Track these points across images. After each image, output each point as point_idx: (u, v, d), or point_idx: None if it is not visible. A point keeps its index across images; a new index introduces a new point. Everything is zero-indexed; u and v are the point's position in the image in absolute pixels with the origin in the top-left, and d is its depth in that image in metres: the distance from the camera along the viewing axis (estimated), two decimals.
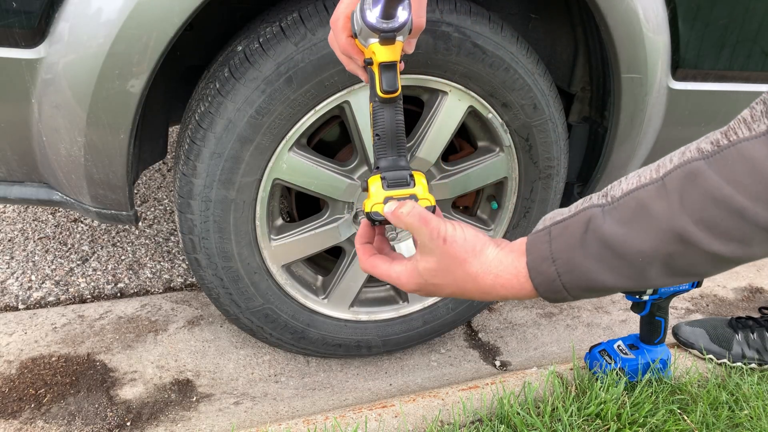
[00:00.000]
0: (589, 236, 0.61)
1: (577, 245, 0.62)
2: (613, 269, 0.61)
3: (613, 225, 0.60)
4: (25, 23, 0.94)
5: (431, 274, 0.72)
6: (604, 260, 0.61)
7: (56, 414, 1.25)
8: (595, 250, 0.61)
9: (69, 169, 1.10)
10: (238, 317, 1.31)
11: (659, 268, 0.59)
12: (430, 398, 1.27)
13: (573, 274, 0.63)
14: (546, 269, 0.65)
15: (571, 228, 0.63)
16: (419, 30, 0.89)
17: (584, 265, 0.62)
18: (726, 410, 1.26)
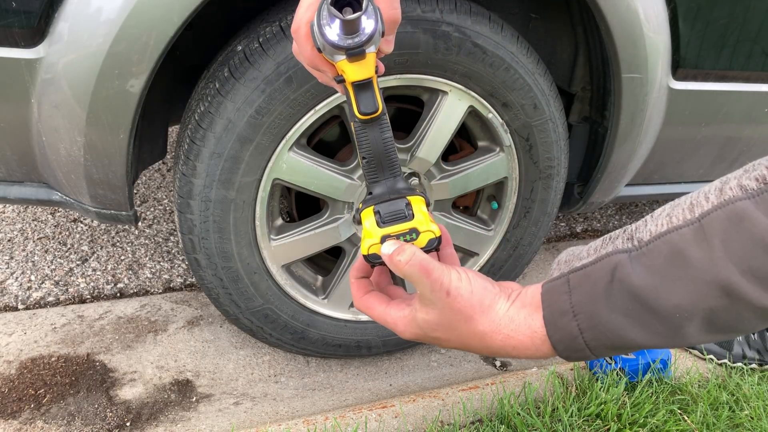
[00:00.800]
0: (615, 287, 0.53)
1: (602, 297, 0.54)
2: (644, 325, 0.53)
3: (643, 274, 0.52)
4: (25, 23, 0.94)
5: (431, 328, 0.63)
6: (635, 315, 0.53)
7: (56, 414, 1.25)
8: (623, 304, 0.53)
9: (68, 169, 1.09)
10: (238, 317, 1.31)
11: (699, 325, 0.52)
12: (431, 398, 1.27)
13: (597, 331, 0.55)
14: (566, 325, 0.56)
15: (594, 277, 0.55)
16: (395, 24, 0.74)
17: (611, 321, 0.54)
18: (726, 410, 1.26)
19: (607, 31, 1.16)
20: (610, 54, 1.20)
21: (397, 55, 1.10)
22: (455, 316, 0.61)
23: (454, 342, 0.63)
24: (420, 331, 0.65)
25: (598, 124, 1.37)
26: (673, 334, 0.53)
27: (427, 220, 0.74)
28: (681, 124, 1.38)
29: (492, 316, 0.60)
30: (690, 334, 0.53)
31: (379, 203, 0.76)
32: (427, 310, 0.62)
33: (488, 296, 0.61)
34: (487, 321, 0.60)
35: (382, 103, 0.74)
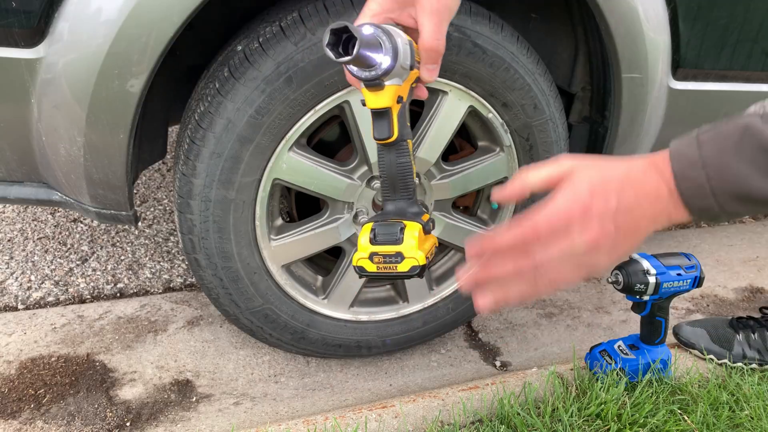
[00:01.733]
0: (745, 141, 0.58)
1: (731, 150, 0.58)
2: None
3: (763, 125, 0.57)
4: (25, 23, 0.94)
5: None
6: (761, 164, 0.57)
7: (56, 414, 1.25)
8: (752, 155, 0.57)
9: (68, 169, 1.09)
10: (238, 317, 1.31)
11: None
12: (431, 398, 1.27)
13: (724, 179, 0.58)
14: (694, 174, 0.59)
15: (725, 133, 0.59)
16: (437, 54, 0.79)
17: (737, 168, 0.58)
18: (726, 410, 1.26)
19: (607, 31, 1.16)
20: (610, 54, 1.20)
21: None
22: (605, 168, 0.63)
23: (614, 183, 0.62)
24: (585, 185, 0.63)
25: (598, 124, 1.37)
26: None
27: (414, 247, 0.80)
28: (681, 124, 1.38)
29: (634, 170, 0.62)
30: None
31: (378, 222, 0.83)
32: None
33: (623, 169, 0.63)
34: (634, 179, 0.62)
35: (399, 131, 0.80)
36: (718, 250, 2.16)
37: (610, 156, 0.78)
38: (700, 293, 1.92)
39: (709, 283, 1.96)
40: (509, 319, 1.71)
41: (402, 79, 0.78)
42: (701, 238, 2.23)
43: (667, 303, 1.30)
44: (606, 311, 1.79)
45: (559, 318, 1.74)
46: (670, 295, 1.28)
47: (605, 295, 1.85)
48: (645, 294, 1.25)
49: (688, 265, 1.27)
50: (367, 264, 0.84)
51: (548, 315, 1.75)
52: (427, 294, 1.45)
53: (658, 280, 1.23)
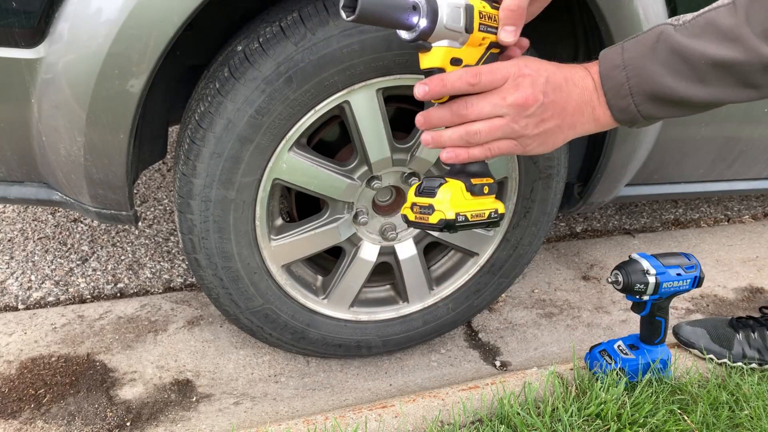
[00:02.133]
0: (659, 45, 0.68)
1: (647, 53, 0.69)
2: (677, 73, 0.67)
3: (682, 37, 0.68)
4: (25, 23, 0.94)
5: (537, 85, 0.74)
6: (671, 65, 0.67)
7: (56, 414, 1.25)
8: (664, 57, 0.68)
9: (69, 169, 1.09)
10: (238, 317, 1.31)
11: (719, 75, 0.66)
12: (430, 398, 1.27)
13: (641, 78, 0.69)
14: (616, 75, 0.70)
15: (643, 40, 0.70)
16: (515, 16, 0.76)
17: (652, 69, 0.68)
18: (726, 410, 1.26)
19: (607, 32, 1.16)
20: None
21: (397, 54, 1.10)
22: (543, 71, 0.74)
23: (542, 73, 0.74)
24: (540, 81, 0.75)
25: None
26: (699, 80, 0.67)
27: (445, 201, 0.86)
28: (681, 124, 1.38)
29: (566, 71, 0.75)
30: (713, 82, 0.67)
31: (428, 177, 0.92)
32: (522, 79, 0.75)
33: (558, 64, 0.77)
34: (565, 70, 0.75)
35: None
36: (718, 250, 2.16)
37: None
38: (699, 293, 1.92)
39: (709, 283, 1.97)
40: (509, 319, 1.72)
41: (459, 42, 0.78)
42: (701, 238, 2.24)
43: (667, 303, 1.30)
44: (606, 311, 1.79)
45: (559, 318, 1.74)
46: (669, 295, 1.28)
47: (605, 295, 1.86)
48: (645, 294, 1.26)
49: (688, 265, 1.27)
50: (408, 213, 0.93)
51: (548, 315, 1.75)
52: (427, 294, 1.45)
53: (658, 280, 1.24)
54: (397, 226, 1.35)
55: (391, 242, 1.36)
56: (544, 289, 1.86)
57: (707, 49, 0.66)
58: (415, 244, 1.38)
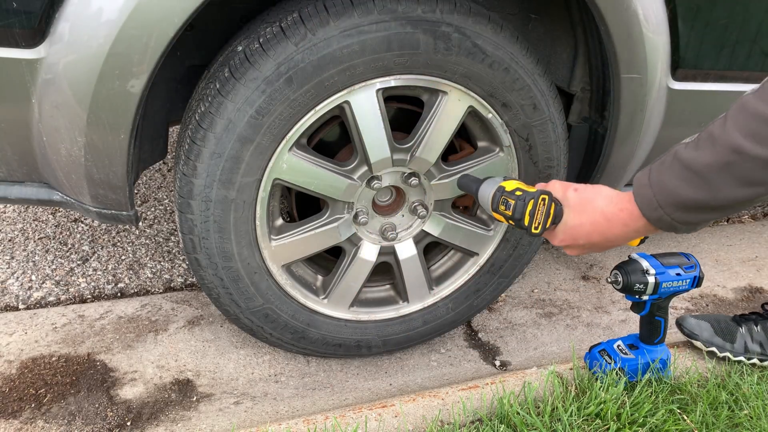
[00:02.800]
0: (674, 163, 0.83)
1: (666, 171, 0.84)
2: (690, 183, 0.81)
3: (689, 151, 0.83)
4: (26, 23, 0.95)
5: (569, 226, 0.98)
6: (684, 177, 0.82)
7: (56, 414, 1.25)
8: (678, 172, 0.83)
9: (69, 169, 1.10)
10: (239, 317, 1.31)
11: (724, 178, 0.78)
12: (430, 398, 1.27)
13: (663, 193, 0.84)
14: (645, 192, 0.87)
15: (663, 159, 0.86)
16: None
17: (671, 184, 0.83)
18: (726, 410, 1.26)
19: (606, 32, 1.16)
20: (609, 54, 1.20)
21: (397, 55, 1.10)
22: (582, 201, 0.96)
23: (586, 224, 0.95)
24: (563, 228, 1.00)
25: (597, 124, 1.37)
26: (708, 186, 0.79)
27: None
28: (680, 125, 1.39)
29: (607, 197, 0.94)
30: (720, 186, 0.79)
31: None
32: (565, 205, 0.99)
33: (603, 189, 0.97)
34: (603, 200, 0.93)
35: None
36: (718, 250, 2.16)
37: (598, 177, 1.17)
38: (699, 293, 1.92)
39: (709, 283, 1.97)
40: (509, 319, 1.72)
41: None
42: (700, 238, 2.24)
43: (667, 303, 1.30)
44: (605, 311, 1.79)
45: (559, 318, 1.74)
46: (669, 295, 1.28)
47: (604, 295, 1.86)
48: (644, 294, 1.26)
49: (688, 265, 1.27)
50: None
51: (548, 315, 1.75)
52: (427, 294, 1.45)
53: (658, 280, 1.24)
54: (396, 226, 1.35)
55: (391, 242, 1.36)
56: (543, 289, 1.86)
57: (706, 157, 0.79)
58: (415, 244, 1.39)
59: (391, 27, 1.08)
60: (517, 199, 0.94)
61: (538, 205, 0.91)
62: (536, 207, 0.91)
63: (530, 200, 0.92)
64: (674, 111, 1.34)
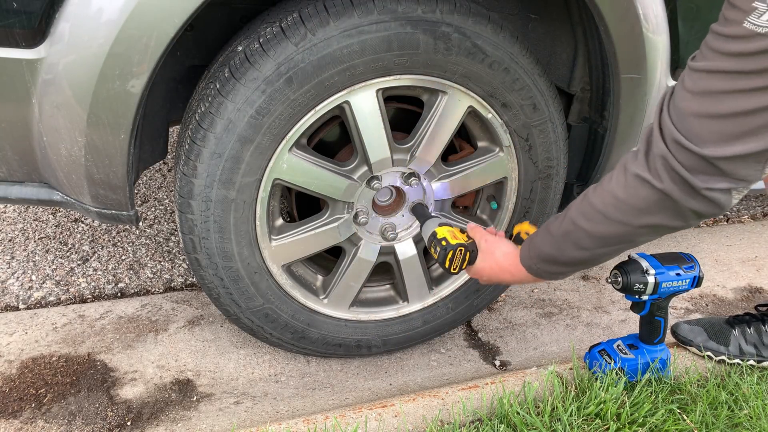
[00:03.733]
0: (543, 228, 1.08)
1: (538, 234, 1.10)
2: (547, 242, 1.06)
3: (552, 220, 1.07)
4: (26, 23, 0.95)
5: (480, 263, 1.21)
6: (545, 238, 1.07)
7: (57, 414, 1.25)
8: (543, 234, 1.08)
9: (69, 169, 1.10)
10: (239, 317, 1.31)
11: (566, 240, 1.02)
12: (430, 398, 1.27)
13: (533, 249, 1.10)
14: (524, 248, 1.12)
15: (540, 228, 1.11)
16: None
17: (538, 242, 1.08)
18: (725, 410, 1.26)
19: (606, 32, 1.16)
20: (609, 54, 1.20)
21: (397, 55, 1.10)
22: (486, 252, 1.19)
23: (487, 269, 1.19)
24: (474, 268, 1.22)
25: (597, 124, 1.38)
26: (557, 245, 1.04)
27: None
28: None
29: (502, 252, 1.17)
30: (563, 247, 1.03)
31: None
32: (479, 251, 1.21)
33: (503, 244, 1.18)
34: (499, 254, 1.17)
35: None
36: (717, 250, 2.16)
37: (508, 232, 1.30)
38: (699, 293, 1.92)
39: (708, 283, 1.97)
40: (509, 319, 1.72)
41: None
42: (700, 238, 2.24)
43: (666, 303, 1.30)
44: (605, 311, 1.79)
45: (559, 317, 1.74)
46: (669, 295, 1.28)
47: (604, 295, 1.86)
48: (644, 294, 1.26)
49: (687, 265, 1.27)
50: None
51: (547, 314, 1.75)
52: (427, 294, 1.45)
53: (657, 280, 1.24)
54: (396, 226, 1.35)
55: (391, 242, 1.36)
56: (543, 289, 1.86)
57: (557, 225, 1.04)
58: (415, 243, 1.39)
59: (391, 27, 1.08)
60: (442, 248, 1.17)
61: (456, 254, 1.17)
62: (454, 255, 1.17)
63: (450, 251, 1.16)
64: None
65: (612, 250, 1.02)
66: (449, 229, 1.22)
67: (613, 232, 0.97)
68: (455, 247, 1.17)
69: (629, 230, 0.96)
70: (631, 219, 0.94)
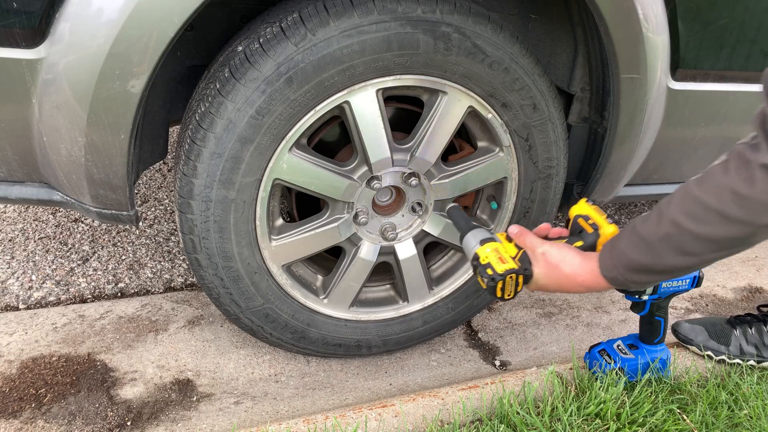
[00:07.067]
0: (630, 232, 0.97)
1: (623, 239, 0.98)
2: (638, 249, 0.94)
3: (641, 222, 0.96)
4: (26, 23, 0.95)
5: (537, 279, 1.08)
6: (634, 244, 0.95)
7: (57, 414, 1.25)
8: (630, 239, 0.96)
9: (69, 169, 1.10)
10: (239, 317, 1.31)
11: (664, 245, 0.91)
12: (430, 398, 1.27)
13: (618, 258, 0.98)
14: (606, 256, 1.00)
15: (623, 231, 1.00)
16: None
17: (624, 249, 0.97)
18: (725, 410, 1.27)
19: (606, 32, 1.16)
20: (609, 54, 1.20)
21: (397, 55, 1.10)
22: (549, 267, 1.05)
23: (552, 285, 1.06)
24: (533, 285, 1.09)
25: (597, 124, 1.38)
26: (653, 251, 0.93)
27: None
28: (680, 125, 1.39)
29: (572, 265, 1.03)
30: (661, 253, 0.92)
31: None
32: (535, 265, 1.07)
33: (569, 255, 1.04)
34: (568, 267, 1.03)
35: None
36: None
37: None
38: (699, 293, 1.92)
39: (708, 283, 1.97)
40: (509, 319, 1.72)
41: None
42: None
43: (666, 302, 1.30)
44: (605, 311, 1.79)
45: (559, 317, 1.74)
46: (669, 295, 1.28)
47: (604, 295, 1.86)
48: (644, 293, 1.26)
49: None
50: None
51: (547, 314, 1.75)
52: (427, 294, 1.45)
53: None
54: (396, 226, 1.35)
55: (391, 242, 1.36)
56: None
57: (652, 228, 0.92)
58: (415, 243, 1.39)
59: (391, 27, 1.08)
60: (489, 278, 1.04)
61: (507, 283, 1.03)
62: (505, 285, 1.03)
63: (499, 281, 1.03)
64: (674, 111, 1.34)
65: (724, 254, 0.90)
66: (493, 248, 1.07)
67: (731, 234, 0.85)
68: (504, 277, 1.03)
69: (751, 231, 0.84)
70: (756, 217, 0.82)
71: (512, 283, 1.04)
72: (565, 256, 1.04)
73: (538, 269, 1.06)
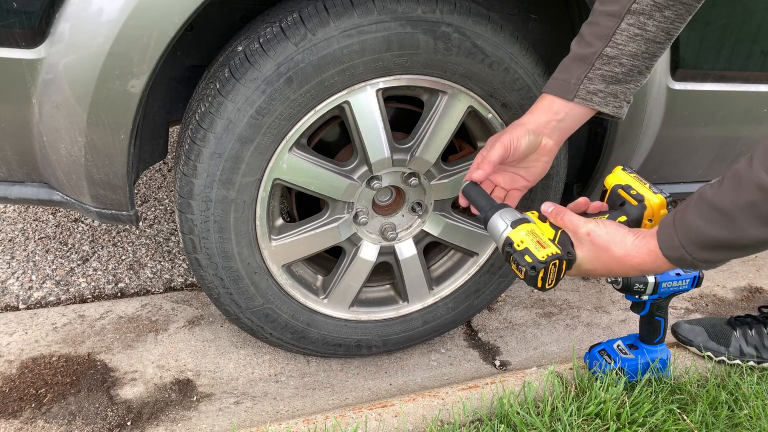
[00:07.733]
0: (698, 203, 0.82)
1: (690, 210, 0.83)
2: (713, 222, 0.80)
3: (714, 191, 0.81)
4: (26, 23, 0.95)
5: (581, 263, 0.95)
6: (707, 216, 0.81)
7: (57, 414, 1.25)
8: (701, 211, 0.81)
9: (69, 169, 1.10)
10: (239, 317, 1.31)
11: (747, 216, 0.77)
12: (430, 398, 1.27)
13: (685, 232, 0.83)
14: (668, 233, 0.85)
15: (688, 201, 0.85)
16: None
17: (694, 223, 0.82)
18: (725, 410, 1.27)
19: None
20: None
21: (397, 55, 1.10)
22: (596, 249, 0.92)
23: (600, 269, 0.93)
24: (576, 270, 0.96)
25: (597, 124, 1.37)
26: (733, 225, 0.78)
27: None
28: (680, 125, 1.39)
29: (623, 246, 0.90)
30: (743, 225, 0.77)
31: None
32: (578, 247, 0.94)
33: (619, 233, 0.91)
34: (620, 249, 0.90)
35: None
36: None
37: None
38: (699, 293, 1.92)
39: (708, 283, 1.97)
40: (509, 319, 1.72)
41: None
42: None
43: (666, 302, 1.30)
44: (605, 311, 1.79)
45: (559, 317, 1.74)
46: (669, 295, 1.28)
47: (604, 295, 1.86)
48: (644, 293, 1.26)
49: None
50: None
51: (547, 314, 1.75)
52: (427, 294, 1.45)
53: (657, 280, 1.24)
54: (396, 226, 1.35)
55: (391, 242, 1.36)
56: None
57: (731, 196, 0.78)
58: (415, 243, 1.39)
59: (391, 27, 1.08)
60: (529, 267, 0.89)
61: (549, 271, 0.89)
62: (547, 273, 0.89)
63: (541, 269, 0.88)
64: (674, 111, 1.34)
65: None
66: (528, 230, 0.93)
67: None
68: (547, 264, 0.89)
69: None
70: None
71: (555, 271, 0.90)
72: (615, 236, 0.90)
73: (582, 252, 0.92)
